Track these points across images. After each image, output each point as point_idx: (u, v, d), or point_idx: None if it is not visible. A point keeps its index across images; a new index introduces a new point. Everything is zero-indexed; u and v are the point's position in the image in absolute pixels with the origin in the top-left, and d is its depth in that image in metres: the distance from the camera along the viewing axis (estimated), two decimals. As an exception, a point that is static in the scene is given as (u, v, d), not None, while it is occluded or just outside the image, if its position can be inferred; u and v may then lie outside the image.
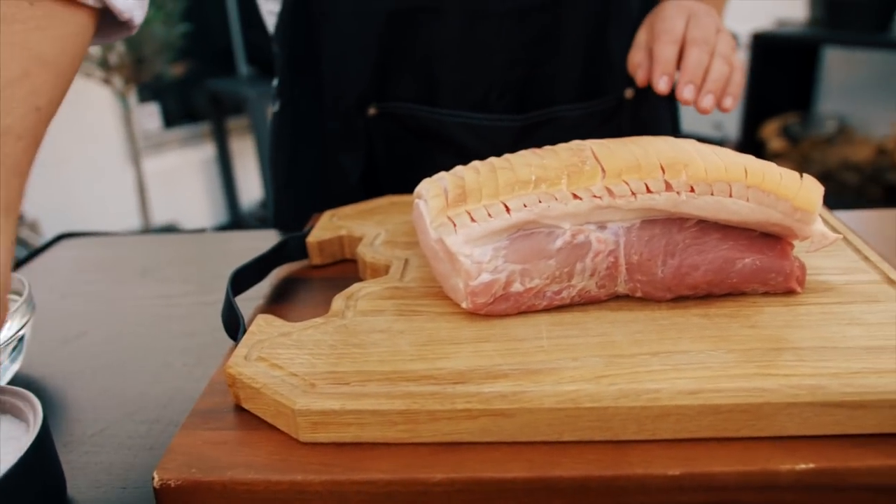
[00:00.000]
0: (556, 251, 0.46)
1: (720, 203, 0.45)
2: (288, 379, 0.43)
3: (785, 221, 0.46)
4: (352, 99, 0.77)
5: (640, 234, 0.46)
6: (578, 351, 0.43)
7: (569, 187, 0.45)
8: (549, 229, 0.46)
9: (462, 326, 0.46)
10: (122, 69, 2.15)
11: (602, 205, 0.45)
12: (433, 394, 0.40)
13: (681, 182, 0.45)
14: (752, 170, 0.46)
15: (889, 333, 0.43)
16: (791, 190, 0.45)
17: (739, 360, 0.41)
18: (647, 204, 0.45)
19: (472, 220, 0.45)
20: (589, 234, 0.46)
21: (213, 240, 0.94)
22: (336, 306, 0.50)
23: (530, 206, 0.45)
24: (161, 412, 0.54)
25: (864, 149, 2.46)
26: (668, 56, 0.66)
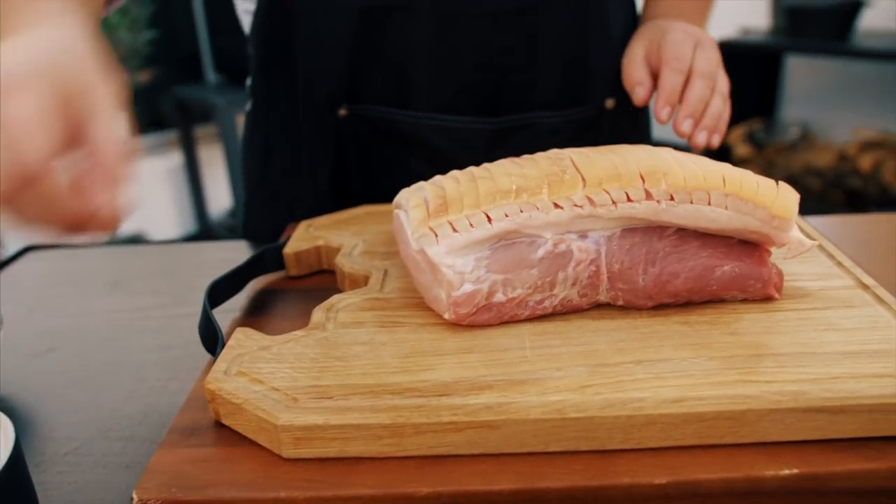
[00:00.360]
0: (538, 261, 0.46)
1: (699, 211, 0.46)
2: (269, 394, 0.42)
3: (763, 229, 0.46)
4: (322, 99, 0.77)
5: (620, 242, 0.47)
6: (562, 360, 0.43)
7: (550, 196, 0.45)
8: (530, 239, 0.46)
9: (445, 337, 0.46)
10: (87, 76, 2.10)
11: (583, 214, 0.45)
12: (418, 406, 0.40)
13: (661, 191, 0.45)
14: (730, 178, 0.46)
15: (865, 338, 0.43)
16: (768, 198, 0.46)
17: (721, 368, 0.41)
18: (628, 213, 0.46)
19: (454, 231, 0.45)
20: (570, 244, 0.46)
21: (185, 251, 0.92)
22: (316, 318, 0.50)
23: (512, 215, 0.45)
24: (136, 429, 0.53)
25: (825, 154, 2.52)
26: (676, 86, 0.67)
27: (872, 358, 0.41)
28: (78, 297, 0.75)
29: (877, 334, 0.44)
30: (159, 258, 0.87)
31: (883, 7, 2.32)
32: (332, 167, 0.80)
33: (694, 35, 0.70)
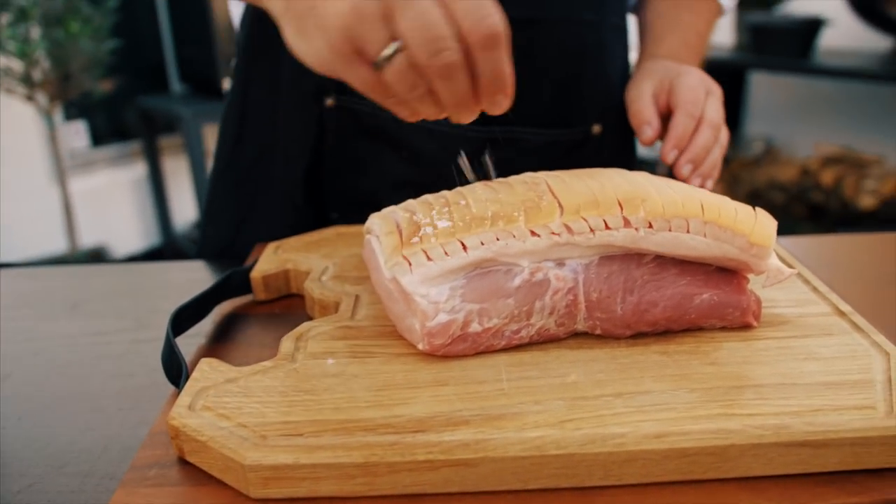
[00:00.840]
0: (514, 290, 0.45)
1: (678, 239, 0.45)
2: (236, 430, 0.40)
3: (741, 256, 0.46)
4: (310, 86, 0.75)
5: (598, 270, 0.46)
6: (540, 393, 0.41)
7: (526, 224, 0.44)
8: (507, 267, 0.45)
9: (419, 369, 0.45)
10: (47, 85, 2.05)
11: (561, 241, 0.44)
12: (392, 444, 0.38)
13: (639, 218, 0.44)
14: (709, 205, 0.46)
15: (844, 367, 0.43)
16: (747, 225, 0.45)
17: (702, 400, 0.40)
18: (606, 240, 0.45)
19: (429, 259, 0.44)
20: (548, 272, 0.45)
21: (149, 270, 0.89)
22: (285, 348, 0.48)
23: (488, 243, 0.44)
24: (94, 464, 0.50)
25: (789, 169, 2.57)
26: (688, 130, 0.67)
27: (853, 389, 0.41)
28: (35, 320, 0.71)
29: (856, 363, 0.44)
30: (122, 278, 0.83)
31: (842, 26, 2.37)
32: (308, 159, 0.78)
33: (706, 83, 0.71)
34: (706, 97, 0.70)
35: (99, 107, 2.64)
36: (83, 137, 2.65)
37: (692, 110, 0.68)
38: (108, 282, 0.81)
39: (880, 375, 0.42)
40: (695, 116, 0.68)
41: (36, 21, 1.95)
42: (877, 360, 0.44)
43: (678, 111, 0.69)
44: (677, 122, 0.68)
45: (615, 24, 0.80)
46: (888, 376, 0.42)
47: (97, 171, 2.68)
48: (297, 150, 0.78)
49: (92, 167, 2.66)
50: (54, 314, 0.72)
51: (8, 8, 1.89)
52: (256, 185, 0.82)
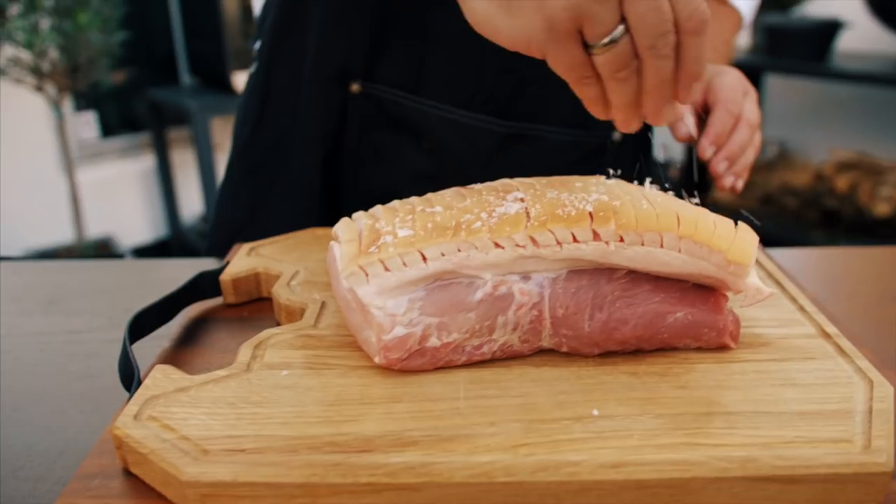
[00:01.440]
0: (476, 303, 0.42)
1: (651, 254, 0.43)
2: (179, 443, 0.39)
3: (719, 274, 0.44)
4: (336, 70, 0.74)
5: (566, 285, 0.43)
6: (497, 414, 0.39)
7: (490, 235, 0.42)
8: (468, 280, 0.43)
9: (374, 383, 0.43)
10: (56, 77, 2.05)
11: (526, 254, 0.42)
12: (335, 464, 0.36)
13: (609, 231, 0.42)
14: (686, 219, 0.43)
15: (823, 396, 0.41)
16: (725, 241, 0.43)
17: (667, 427, 0.38)
18: (574, 254, 0.43)
19: (386, 270, 0.42)
20: (512, 286, 0.43)
21: (134, 268, 0.88)
22: (242, 357, 0.46)
23: (449, 254, 0.42)
24: (48, 469, 0.49)
25: (803, 174, 2.52)
26: (727, 127, 0.67)
27: (830, 420, 0.39)
28: (9, 316, 0.70)
29: (836, 391, 0.41)
30: (105, 275, 0.82)
31: (861, 29, 2.32)
32: (328, 146, 0.77)
33: (744, 83, 0.70)
34: (744, 96, 0.69)
35: (109, 98, 2.65)
36: (93, 128, 2.65)
37: (732, 108, 0.67)
38: (88, 278, 0.80)
39: (861, 405, 0.40)
40: (734, 114, 0.67)
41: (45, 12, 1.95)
42: (859, 388, 0.41)
43: (718, 107, 0.68)
44: (717, 119, 0.67)
45: None
46: (869, 406, 0.39)
47: (106, 162, 2.69)
48: (318, 135, 0.77)
49: (101, 158, 2.67)
50: (30, 311, 0.71)
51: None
52: (274, 170, 0.81)
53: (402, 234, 0.43)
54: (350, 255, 0.43)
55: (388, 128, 0.76)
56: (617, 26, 0.41)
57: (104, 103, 2.68)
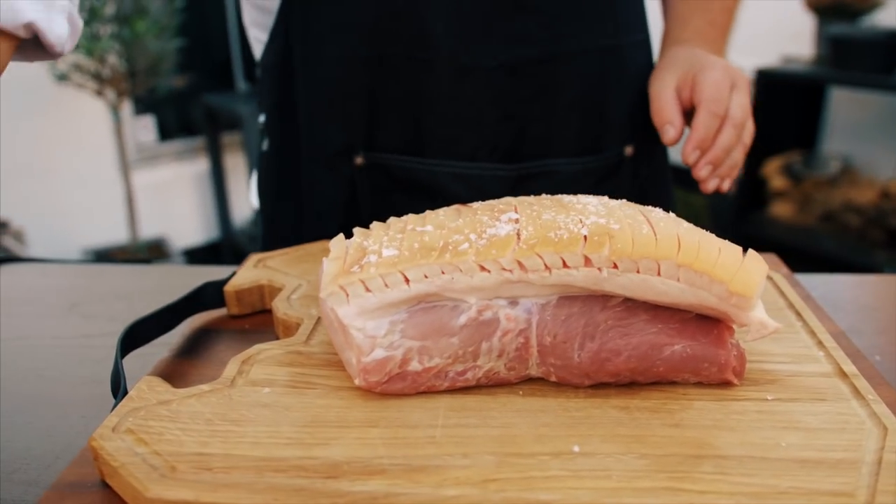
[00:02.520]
0: (459, 328, 0.41)
1: (647, 282, 0.40)
2: (150, 458, 0.38)
3: (720, 306, 0.41)
4: (337, 147, 0.74)
5: (555, 312, 0.41)
6: (473, 445, 0.38)
7: (476, 258, 0.40)
8: (453, 303, 0.41)
9: (354, 406, 0.42)
10: (115, 82, 2.13)
11: (512, 279, 0.40)
12: (298, 490, 0.35)
13: (602, 257, 0.40)
14: (687, 246, 0.41)
15: (828, 442, 0.37)
16: (727, 271, 0.40)
17: (651, 470, 0.35)
18: (565, 280, 0.40)
19: (367, 290, 0.40)
20: (498, 311, 0.41)
21: (158, 273, 0.89)
22: (228, 371, 0.46)
23: (432, 277, 0.40)
24: (42, 473, 0.50)
25: (867, 191, 2.40)
26: (710, 131, 0.65)
27: (832, 470, 0.35)
28: (31, 318, 0.72)
29: (843, 438, 0.38)
30: (129, 280, 0.84)
31: (935, 41, 2.20)
32: (344, 215, 0.77)
33: (731, 75, 0.67)
34: (731, 91, 0.66)
35: (167, 103, 2.73)
36: (151, 132, 2.74)
37: (715, 108, 0.65)
38: (112, 283, 0.82)
39: (870, 455, 0.36)
40: (718, 115, 0.65)
41: (105, 20, 2.03)
42: (871, 435, 0.38)
43: (701, 109, 0.65)
44: (700, 122, 0.65)
45: (635, 40, 0.76)
46: (879, 457, 0.36)
47: (162, 165, 2.77)
48: (330, 209, 0.77)
49: (158, 161, 2.76)
50: (51, 313, 0.73)
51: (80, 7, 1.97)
52: (298, 241, 0.81)
53: (386, 253, 0.42)
54: (332, 274, 0.42)
55: (399, 191, 0.75)
56: None
57: (162, 108, 2.76)
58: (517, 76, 0.70)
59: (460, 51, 0.68)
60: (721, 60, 0.69)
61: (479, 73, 0.70)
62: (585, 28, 0.70)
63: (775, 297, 0.55)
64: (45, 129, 2.38)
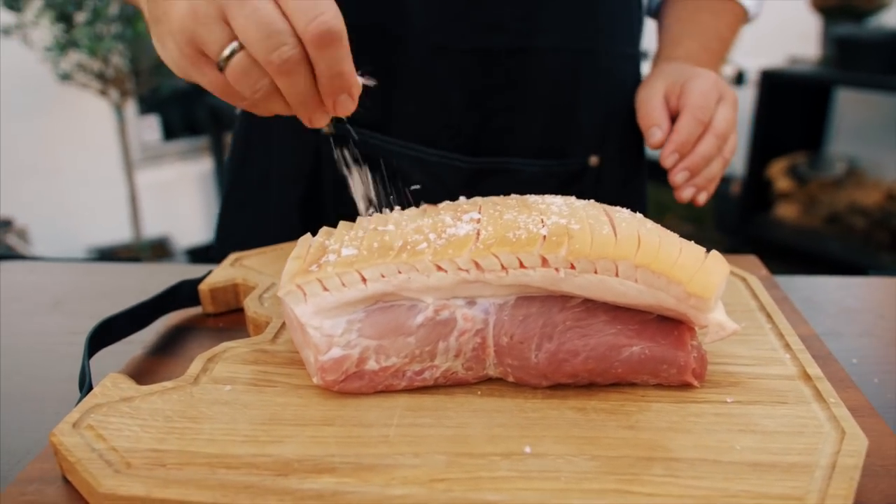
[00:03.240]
0: (416, 328, 0.41)
1: (604, 283, 0.40)
2: (106, 454, 0.39)
3: (679, 307, 0.40)
4: None
5: (513, 312, 0.41)
6: (425, 445, 0.38)
7: (433, 258, 0.40)
8: (411, 302, 0.41)
9: (312, 404, 0.42)
10: (118, 81, 2.14)
11: (469, 279, 0.40)
12: (247, 486, 0.35)
13: (559, 257, 0.40)
14: (646, 246, 0.40)
15: (784, 446, 0.37)
16: (685, 272, 0.40)
17: (600, 471, 0.35)
18: (522, 280, 0.40)
19: (325, 290, 0.41)
20: (455, 311, 0.41)
21: (145, 271, 0.90)
22: (192, 369, 0.46)
23: (389, 276, 0.40)
24: (12, 467, 0.50)
25: (873, 192, 2.38)
26: (692, 136, 0.64)
27: (785, 474, 0.35)
28: (17, 315, 0.73)
29: (800, 442, 0.37)
30: (115, 277, 0.84)
31: (943, 41, 2.17)
32: (305, 185, 0.77)
33: (720, 87, 0.67)
34: (718, 103, 0.66)
35: (172, 102, 2.75)
36: (156, 131, 2.76)
37: (700, 115, 0.64)
38: (98, 280, 0.82)
39: (825, 459, 0.36)
40: (702, 122, 0.64)
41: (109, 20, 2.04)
42: (828, 439, 0.37)
43: (685, 113, 0.65)
44: (682, 126, 0.65)
45: (620, 52, 0.75)
46: (833, 461, 0.36)
47: (167, 164, 2.79)
48: (293, 176, 0.77)
49: (162, 160, 2.78)
50: (36, 311, 0.73)
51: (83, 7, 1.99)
52: (258, 208, 0.82)
53: (346, 252, 0.42)
54: (292, 273, 0.42)
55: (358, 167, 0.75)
56: (228, 43, 0.40)
57: (167, 107, 2.78)
58: (487, 64, 0.70)
59: (433, 29, 0.68)
60: (711, 73, 0.69)
61: (450, 55, 0.69)
62: (562, 26, 0.70)
63: (747, 300, 0.54)
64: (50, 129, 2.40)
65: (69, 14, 2.00)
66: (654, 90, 0.69)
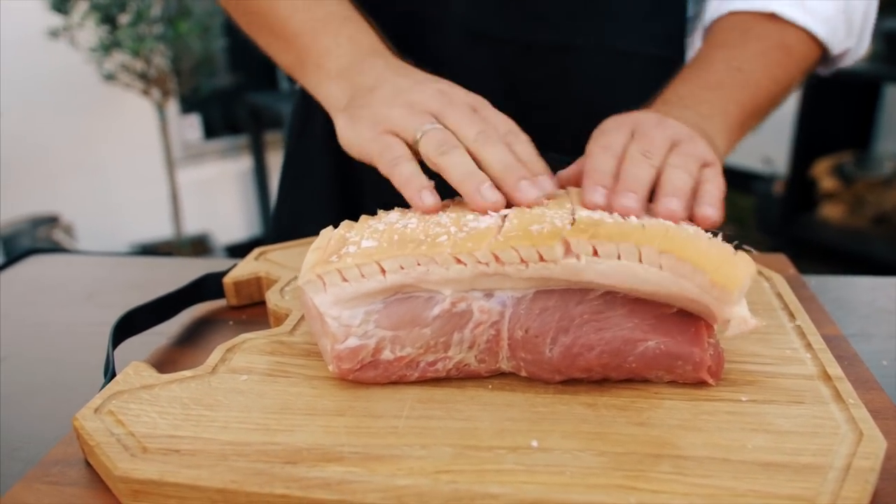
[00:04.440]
0: (432, 319, 0.41)
1: (629, 269, 0.39)
2: (124, 439, 0.40)
3: (702, 298, 0.39)
4: None
5: (531, 306, 0.41)
6: (433, 437, 0.38)
7: (452, 250, 0.40)
8: (428, 294, 0.41)
9: (325, 395, 0.42)
10: (160, 81, 2.20)
11: (488, 272, 0.40)
12: (257, 473, 0.36)
13: (581, 242, 0.39)
14: (673, 234, 0.40)
15: (798, 446, 0.36)
16: (711, 262, 0.39)
17: (606, 467, 0.35)
18: (542, 273, 0.40)
19: (344, 280, 0.41)
20: (472, 303, 0.41)
21: (176, 265, 0.92)
22: (211, 359, 0.47)
23: (407, 268, 0.40)
24: (41, 451, 0.51)
25: (924, 194, 2.30)
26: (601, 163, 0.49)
27: (796, 474, 0.34)
28: (51, 307, 0.75)
29: (814, 442, 0.36)
30: (147, 271, 0.86)
31: None
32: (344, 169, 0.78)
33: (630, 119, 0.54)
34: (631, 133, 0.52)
35: (213, 102, 2.80)
36: (197, 130, 2.82)
37: (601, 141, 0.51)
38: (130, 273, 0.84)
39: (840, 461, 0.35)
40: (606, 146, 0.50)
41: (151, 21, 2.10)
42: (845, 441, 0.36)
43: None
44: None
45: (661, 56, 0.72)
46: (848, 463, 0.35)
47: (208, 163, 2.85)
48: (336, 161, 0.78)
49: (203, 158, 2.83)
50: (72, 302, 0.76)
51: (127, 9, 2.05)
52: (313, 181, 0.83)
53: (365, 244, 0.42)
54: (311, 263, 0.43)
55: None
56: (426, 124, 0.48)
57: (208, 107, 2.84)
58: (528, 56, 0.69)
59: (473, 17, 0.68)
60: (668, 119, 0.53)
61: (490, 44, 0.69)
62: (606, 25, 0.68)
63: (770, 298, 0.53)
64: (95, 128, 2.47)
65: (113, 16, 2.06)
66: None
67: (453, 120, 0.49)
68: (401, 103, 0.50)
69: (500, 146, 0.47)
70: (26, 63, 2.21)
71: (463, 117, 0.49)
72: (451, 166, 0.46)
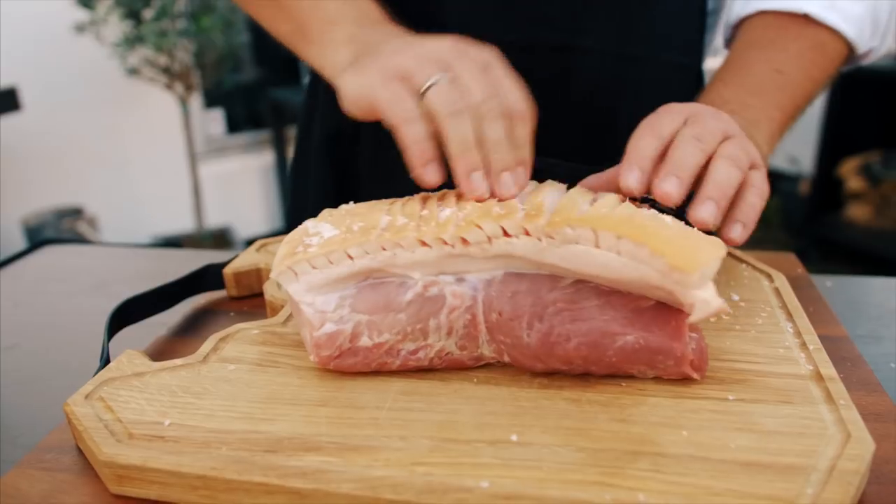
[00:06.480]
0: (406, 304, 0.41)
1: (587, 254, 0.39)
2: (111, 425, 0.40)
3: (664, 283, 0.38)
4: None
5: (501, 288, 0.41)
6: (413, 429, 0.38)
7: (417, 234, 0.40)
8: (400, 279, 0.41)
9: (310, 386, 0.42)
10: (183, 76, 2.22)
11: (454, 253, 0.40)
12: (237, 461, 0.36)
13: (538, 226, 0.39)
14: (631, 218, 0.39)
15: (782, 446, 0.36)
16: (669, 246, 0.37)
17: (583, 463, 0.35)
18: (506, 250, 0.40)
19: (313, 268, 0.41)
20: (444, 287, 0.41)
21: (186, 256, 0.93)
22: (204, 348, 0.48)
23: (373, 253, 0.41)
24: (42, 437, 0.53)
25: (954, 196, 2.24)
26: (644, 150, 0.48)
27: (778, 475, 0.34)
28: (61, 296, 0.76)
29: (800, 443, 0.36)
30: (156, 262, 0.88)
31: None
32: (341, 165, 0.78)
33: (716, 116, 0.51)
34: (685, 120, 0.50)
35: (236, 97, 2.83)
36: (220, 124, 2.85)
37: (654, 124, 0.49)
38: (140, 264, 0.85)
39: (825, 462, 0.34)
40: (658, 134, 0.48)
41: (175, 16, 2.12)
42: (831, 442, 0.36)
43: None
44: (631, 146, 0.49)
45: (672, 62, 0.70)
46: (833, 465, 0.34)
47: (230, 157, 2.88)
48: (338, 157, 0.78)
49: (226, 152, 2.86)
50: (81, 291, 0.77)
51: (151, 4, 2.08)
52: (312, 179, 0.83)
53: (328, 234, 0.43)
54: (281, 255, 0.43)
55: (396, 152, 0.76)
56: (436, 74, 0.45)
57: (231, 101, 2.86)
58: (532, 57, 0.68)
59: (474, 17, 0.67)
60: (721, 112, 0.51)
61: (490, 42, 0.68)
62: (609, 28, 0.67)
63: (769, 296, 0.52)
64: (119, 121, 2.51)
65: (137, 11, 2.09)
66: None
67: (463, 74, 0.46)
68: (411, 52, 0.48)
69: (499, 124, 0.44)
70: (52, 57, 2.26)
71: (474, 75, 0.46)
72: (455, 134, 0.43)
